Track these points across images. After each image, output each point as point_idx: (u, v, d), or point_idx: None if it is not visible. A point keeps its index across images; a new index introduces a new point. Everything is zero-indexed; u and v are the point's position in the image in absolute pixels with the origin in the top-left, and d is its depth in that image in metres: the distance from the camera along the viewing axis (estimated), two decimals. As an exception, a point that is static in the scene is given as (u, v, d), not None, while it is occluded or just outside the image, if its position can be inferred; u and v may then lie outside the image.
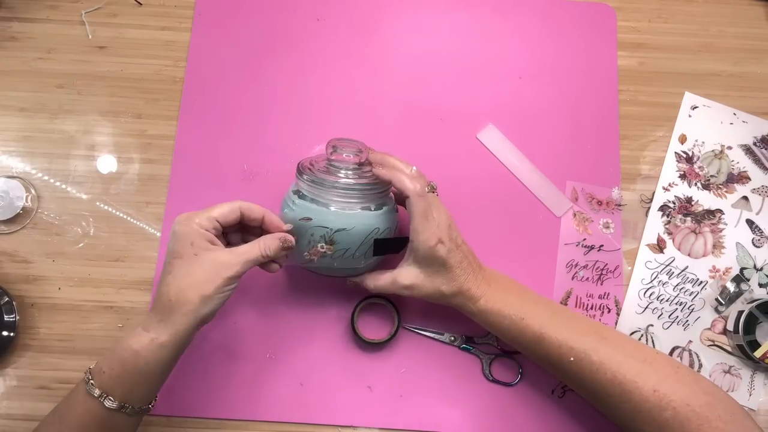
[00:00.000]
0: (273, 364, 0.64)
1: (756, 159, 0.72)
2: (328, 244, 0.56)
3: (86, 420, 0.49)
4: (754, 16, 0.77)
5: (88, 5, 0.73)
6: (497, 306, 0.57)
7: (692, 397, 0.50)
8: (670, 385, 0.51)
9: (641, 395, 0.51)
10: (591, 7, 0.76)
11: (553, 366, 0.57)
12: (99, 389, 0.48)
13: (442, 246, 0.56)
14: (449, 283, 0.57)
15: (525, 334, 0.56)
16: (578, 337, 0.55)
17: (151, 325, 0.50)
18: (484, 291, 0.58)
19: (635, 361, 0.53)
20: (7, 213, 0.66)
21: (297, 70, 0.73)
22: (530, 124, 0.72)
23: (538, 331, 0.56)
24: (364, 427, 0.63)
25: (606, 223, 0.69)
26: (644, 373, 0.52)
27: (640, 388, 0.51)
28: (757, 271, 0.68)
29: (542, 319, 0.57)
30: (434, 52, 0.74)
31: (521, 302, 0.58)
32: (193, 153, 0.70)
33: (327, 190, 0.56)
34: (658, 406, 0.50)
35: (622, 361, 0.53)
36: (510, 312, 0.57)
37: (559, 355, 0.55)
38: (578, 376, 0.55)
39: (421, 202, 0.55)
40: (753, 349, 0.63)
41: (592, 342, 0.55)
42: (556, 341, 0.55)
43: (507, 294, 0.59)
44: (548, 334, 0.55)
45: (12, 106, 0.70)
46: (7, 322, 0.62)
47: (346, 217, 0.55)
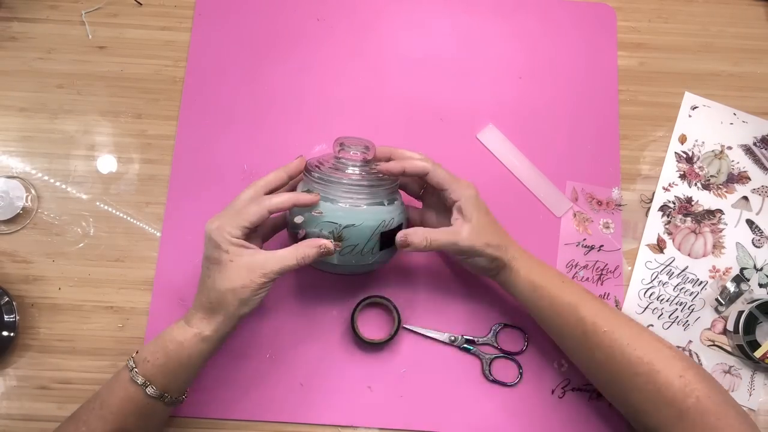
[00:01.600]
0: (273, 364, 0.64)
1: (756, 159, 0.72)
2: (336, 240, 0.56)
3: (127, 406, 0.51)
4: (754, 16, 0.77)
5: (88, 5, 0.73)
6: (537, 270, 0.59)
7: (713, 390, 0.51)
8: (694, 374, 0.51)
9: (667, 378, 0.51)
10: (591, 7, 0.76)
11: (584, 337, 0.56)
12: (143, 377, 0.51)
13: (479, 196, 0.58)
14: (496, 235, 0.58)
15: (563, 297, 0.57)
16: (609, 316, 0.56)
17: (194, 321, 0.53)
18: (522, 253, 0.60)
19: (663, 345, 0.54)
20: (7, 213, 0.66)
21: (297, 70, 0.73)
22: (530, 124, 0.72)
23: (576, 297, 0.57)
24: (364, 427, 0.63)
25: (606, 223, 0.69)
26: (672, 358, 0.52)
27: (668, 370, 0.51)
28: (757, 271, 0.68)
29: (576, 291, 0.58)
30: (434, 52, 0.74)
31: (558, 274, 0.61)
32: (193, 153, 0.70)
33: (335, 186, 0.56)
34: (682, 392, 0.50)
35: (651, 342, 0.54)
36: (549, 278, 0.59)
37: (594, 323, 0.55)
38: (609, 350, 0.54)
39: (442, 169, 0.58)
40: (753, 349, 0.63)
41: (624, 319, 0.56)
42: (593, 311, 0.56)
43: (544, 265, 0.61)
44: (583, 305, 0.57)
45: (12, 106, 0.70)
46: (7, 322, 0.62)
47: (355, 213, 0.56)
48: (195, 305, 0.54)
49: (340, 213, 0.55)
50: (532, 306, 0.59)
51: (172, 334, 0.53)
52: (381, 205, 0.57)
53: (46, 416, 0.62)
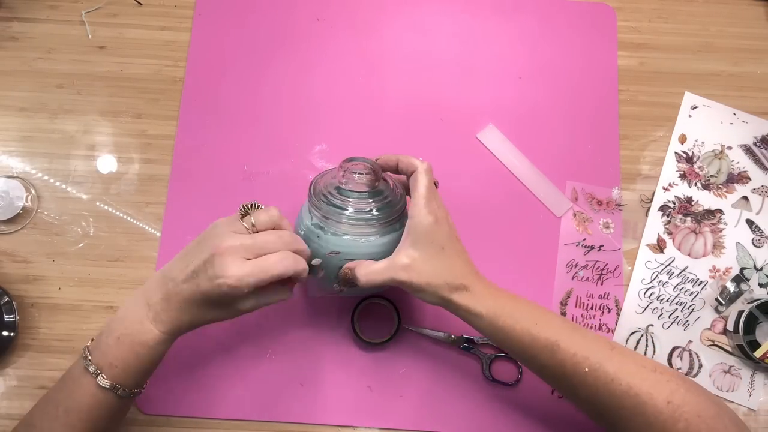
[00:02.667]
0: (273, 364, 0.64)
1: (756, 159, 0.72)
2: None
3: (98, 410, 0.50)
4: (754, 16, 0.77)
5: (88, 5, 0.73)
6: (507, 308, 0.53)
7: (702, 407, 0.49)
8: (682, 395, 0.49)
9: (655, 407, 0.49)
10: (591, 7, 0.76)
11: (564, 378, 0.52)
12: (111, 381, 0.50)
13: (442, 227, 0.53)
14: (451, 270, 0.53)
15: (538, 341, 0.52)
16: (592, 346, 0.52)
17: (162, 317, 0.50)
18: (491, 292, 0.54)
19: (647, 371, 0.51)
20: (7, 213, 0.66)
21: (297, 70, 0.73)
22: (530, 124, 0.72)
23: (553, 338, 0.52)
24: (364, 427, 0.63)
25: (606, 223, 0.69)
26: (658, 384, 0.50)
27: (655, 399, 0.49)
28: (757, 271, 0.68)
29: (555, 327, 0.53)
30: (434, 52, 0.74)
31: (530, 308, 0.54)
32: (193, 153, 0.70)
33: (341, 220, 0.54)
34: (671, 417, 0.48)
35: (635, 371, 0.51)
36: (522, 316, 0.53)
37: (573, 365, 0.51)
38: (592, 388, 0.51)
39: (426, 177, 0.54)
40: (753, 349, 0.63)
41: (605, 351, 0.52)
42: (571, 350, 0.51)
43: (515, 299, 0.55)
44: (563, 342, 0.52)
45: (12, 106, 0.70)
46: (7, 322, 0.62)
47: (373, 246, 0.54)
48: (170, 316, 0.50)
49: (356, 249, 0.54)
50: (503, 348, 0.55)
51: (140, 336, 0.50)
52: (394, 231, 0.56)
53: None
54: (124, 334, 0.50)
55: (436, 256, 0.53)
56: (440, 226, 0.53)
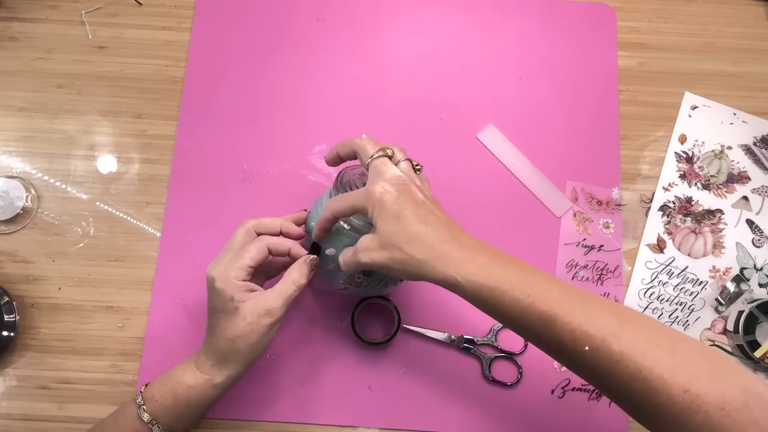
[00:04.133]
0: (273, 364, 0.64)
1: (756, 159, 0.72)
2: (366, 275, 0.55)
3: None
4: (754, 16, 0.77)
5: (88, 5, 0.73)
6: (494, 278, 0.46)
7: (727, 397, 0.42)
8: (704, 383, 0.42)
9: (669, 395, 0.42)
10: (591, 7, 0.76)
11: (563, 354, 0.46)
12: (149, 415, 0.52)
13: (388, 196, 0.47)
14: (414, 239, 0.46)
15: (530, 315, 0.45)
16: (595, 320, 0.44)
17: (204, 368, 0.53)
18: (473, 257, 0.47)
19: (663, 352, 0.43)
20: (7, 213, 0.66)
21: (297, 69, 0.73)
22: (530, 124, 0.72)
23: (548, 311, 0.45)
24: (364, 427, 0.63)
25: (606, 223, 0.69)
26: (674, 368, 0.42)
27: (669, 387, 0.42)
28: (757, 271, 0.68)
29: (552, 297, 0.45)
30: (434, 52, 0.74)
31: (523, 276, 0.46)
32: (193, 153, 0.70)
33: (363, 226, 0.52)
34: (688, 408, 0.41)
35: (647, 352, 0.43)
36: (511, 287, 0.45)
37: (572, 341, 0.44)
38: (594, 367, 0.44)
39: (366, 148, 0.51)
40: (753, 349, 0.64)
41: (612, 326, 0.44)
42: (570, 325, 0.44)
43: (505, 265, 0.47)
44: (560, 315, 0.44)
45: (12, 106, 0.70)
46: (7, 322, 0.62)
47: None
48: (205, 352, 0.54)
49: None
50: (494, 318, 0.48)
51: (182, 377, 0.53)
52: None
53: (46, 416, 0.62)
54: (171, 372, 0.54)
55: (393, 229, 0.47)
56: (386, 195, 0.47)
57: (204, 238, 0.66)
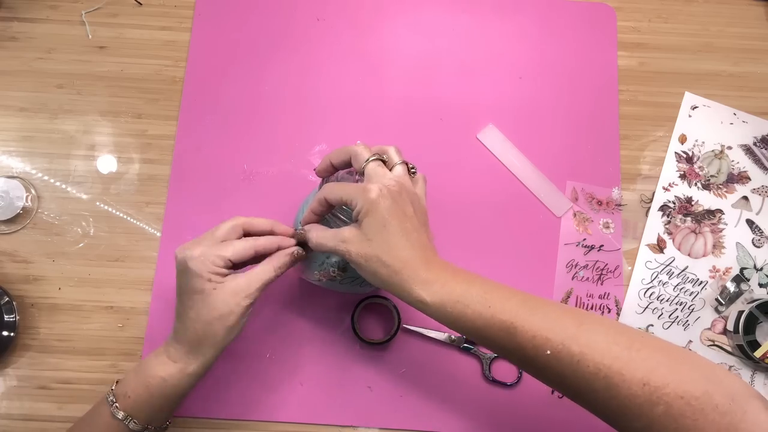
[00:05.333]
0: (273, 364, 0.64)
1: (756, 159, 0.72)
2: (340, 270, 0.56)
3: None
4: (754, 16, 0.77)
5: (88, 5, 0.73)
6: (456, 293, 0.48)
7: (688, 387, 0.43)
8: (662, 375, 0.43)
9: (629, 390, 0.43)
10: (591, 7, 0.76)
11: (527, 362, 0.48)
12: (123, 412, 0.51)
13: (382, 202, 0.49)
14: (391, 250, 0.48)
15: (492, 325, 0.47)
16: (554, 325, 0.46)
17: (177, 356, 0.52)
18: (438, 276, 0.49)
19: (621, 348, 0.45)
20: (7, 213, 0.66)
21: (297, 69, 0.73)
22: (530, 124, 0.72)
23: (508, 320, 0.47)
24: (364, 427, 0.63)
25: (606, 223, 0.69)
26: (632, 363, 0.44)
27: (628, 382, 0.43)
28: (757, 271, 0.68)
29: (511, 307, 0.47)
30: (434, 52, 0.74)
31: (484, 289, 0.49)
32: (193, 153, 0.70)
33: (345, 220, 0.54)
34: (648, 401, 0.43)
35: (605, 350, 0.45)
36: (473, 300, 0.48)
37: (534, 347, 0.46)
38: (557, 371, 0.46)
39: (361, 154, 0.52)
40: (753, 349, 0.64)
41: (570, 329, 0.46)
42: (530, 332, 0.46)
43: (467, 281, 0.49)
44: (520, 323, 0.47)
45: (12, 106, 0.70)
46: (7, 322, 0.62)
47: None
48: (176, 338, 0.53)
49: None
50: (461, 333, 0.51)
51: (153, 369, 0.52)
52: None
53: (46, 416, 0.62)
54: (140, 367, 0.53)
55: (377, 233, 0.49)
56: (380, 200, 0.49)
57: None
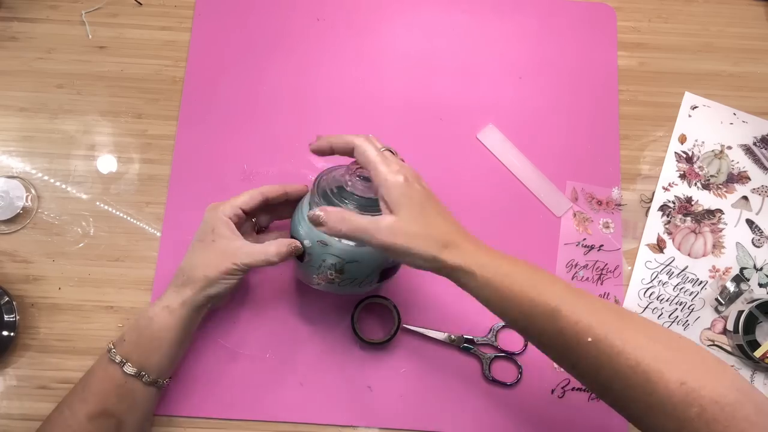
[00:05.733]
0: (273, 364, 0.64)
1: (756, 159, 0.72)
2: (337, 273, 0.55)
3: (106, 386, 0.54)
4: (754, 16, 0.77)
5: (88, 5, 0.73)
6: (504, 268, 0.48)
7: (722, 392, 0.43)
8: (699, 377, 0.43)
9: (666, 388, 0.43)
10: (591, 7, 0.76)
11: (565, 348, 0.47)
12: (120, 356, 0.54)
13: (414, 185, 0.50)
14: (436, 227, 0.49)
15: (536, 306, 0.47)
16: (598, 315, 0.46)
17: (165, 295, 0.56)
18: (484, 250, 0.50)
19: (662, 346, 0.45)
20: (7, 213, 0.66)
21: (297, 69, 0.73)
22: (530, 124, 0.72)
23: (553, 303, 0.47)
24: (364, 427, 0.63)
25: (606, 223, 0.69)
26: (672, 362, 0.44)
27: (666, 379, 0.43)
28: (757, 271, 0.68)
29: (556, 290, 0.48)
30: (434, 52, 0.74)
31: (531, 270, 0.49)
32: (193, 153, 0.70)
33: None
34: (684, 401, 0.43)
35: (646, 345, 0.45)
36: (521, 277, 0.48)
37: (575, 333, 0.46)
38: (595, 360, 0.46)
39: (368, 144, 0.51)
40: (753, 349, 0.64)
41: (613, 322, 0.46)
42: (574, 317, 0.46)
43: (511, 259, 0.50)
44: (565, 308, 0.46)
45: (12, 106, 0.70)
46: (7, 322, 0.62)
47: (360, 251, 0.54)
48: (172, 281, 0.57)
49: (344, 247, 0.54)
50: (499, 314, 0.50)
51: (145, 312, 0.56)
52: None
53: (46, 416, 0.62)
54: (138, 314, 0.57)
55: (417, 215, 0.49)
56: (411, 184, 0.50)
57: None
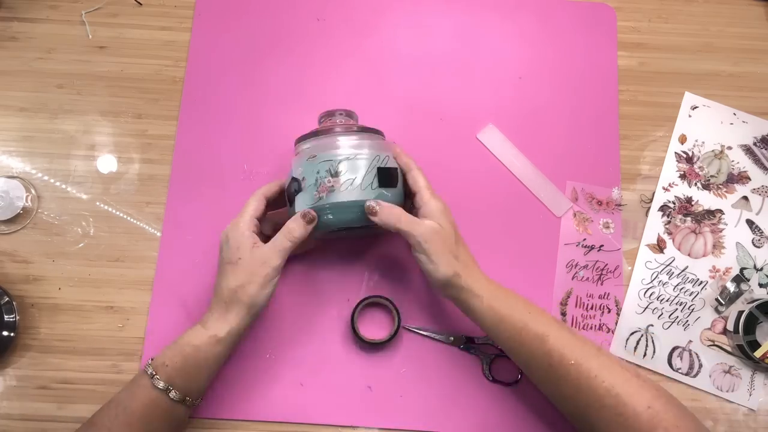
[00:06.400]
0: (273, 364, 0.64)
1: (756, 159, 0.72)
2: (333, 177, 0.56)
3: (152, 411, 0.54)
4: (754, 16, 0.77)
5: (88, 5, 0.73)
6: (503, 296, 0.57)
7: (681, 420, 0.51)
8: (663, 403, 0.51)
9: (635, 410, 0.51)
10: (591, 7, 0.76)
11: (550, 369, 0.55)
12: (164, 382, 0.53)
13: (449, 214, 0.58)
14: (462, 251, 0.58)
15: (530, 331, 0.55)
16: (578, 344, 0.55)
17: (209, 323, 0.56)
18: (488, 279, 0.58)
19: (630, 375, 0.53)
20: (7, 213, 0.66)
21: (297, 69, 0.73)
22: (530, 124, 0.72)
23: (543, 330, 0.55)
24: (364, 427, 0.63)
25: (606, 223, 0.69)
26: (640, 388, 0.52)
27: (635, 403, 0.51)
28: (757, 271, 0.68)
29: (546, 320, 0.57)
30: (434, 53, 0.74)
31: (524, 300, 0.58)
32: (193, 153, 0.70)
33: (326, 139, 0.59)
34: (650, 422, 0.50)
35: (619, 372, 0.53)
36: (517, 305, 0.57)
37: (560, 356, 0.54)
38: (576, 382, 0.53)
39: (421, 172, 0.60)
40: (753, 349, 0.64)
41: (591, 351, 0.55)
42: (560, 342, 0.55)
43: (508, 290, 0.59)
44: (553, 335, 0.55)
45: (12, 106, 0.70)
46: (7, 322, 0.62)
47: (349, 147, 0.58)
48: (211, 306, 0.57)
49: (334, 150, 0.57)
50: (495, 336, 0.58)
51: (188, 337, 0.55)
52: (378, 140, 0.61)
53: (46, 416, 0.62)
54: (179, 337, 0.56)
55: (451, 235, 0.57)
56: (449, 213, 0.58)
57: (204, 238, 0.66)
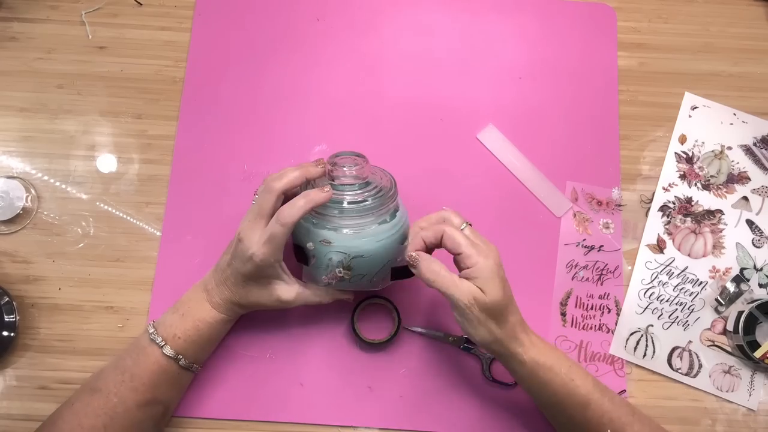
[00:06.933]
0: (273, 364, 0.64)
1: (756, 159, 0.72)
2: (345, 270, 0.56)
3: (159, 377, 0.56)
4: (754, 16, 0.77)
5: (88, 5, 0.73)
6: (548, 361, 0.55)
7: None
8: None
9: None
10: (591, 8, 0.76)
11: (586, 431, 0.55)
12: (175, 351, 0.56)
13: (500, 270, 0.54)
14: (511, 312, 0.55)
15: (572, 396, 0.55)
16: (617, 409, 0.55)
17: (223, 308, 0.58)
18: (533, 341, 0.56)
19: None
20: (7, 213, 0.66)
21: (297, 70, 0.73)
22: (530, 124, 0.72)
23: (586, 397, 0.54)
24: (364, 427, 0.63)
25: (606, 223, 0.69)
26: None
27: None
28: (757, 272, 0.68)
29: (588, 386, 0.55)
30: (434, 52, 0.74)
31: (570, 363, 0.56)
32: (193, 153, 0.70)
33: (334, 213, 0.55)
34: None
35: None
36: (561, 369, 0.55)
37: (599, 425, 0.54)
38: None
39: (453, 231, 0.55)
40: (753, 349, 0.64)
41: (628, 416, 0.55)
42: (600, 409, 0.54)
43: (553, 350, 0.57)
44: (594, 402, 0.54)
45: (12, 106, 0.70)
46: (7, 322, 0.62)
47: (363, 243, 0.55)
48: (222, 297, 0.58)
49: (347, 242, 0.55)
50: (535, 397, 0.57)
51: (201, 314, 0.58)
52: (385, 222, 0.56)
53: (46, 416, 0.62)
54: (188, 313, 0.58)
55: (496, 302, 0.53)
56: (500, 268, 0.54)
57: (204, 238, 0.66)
